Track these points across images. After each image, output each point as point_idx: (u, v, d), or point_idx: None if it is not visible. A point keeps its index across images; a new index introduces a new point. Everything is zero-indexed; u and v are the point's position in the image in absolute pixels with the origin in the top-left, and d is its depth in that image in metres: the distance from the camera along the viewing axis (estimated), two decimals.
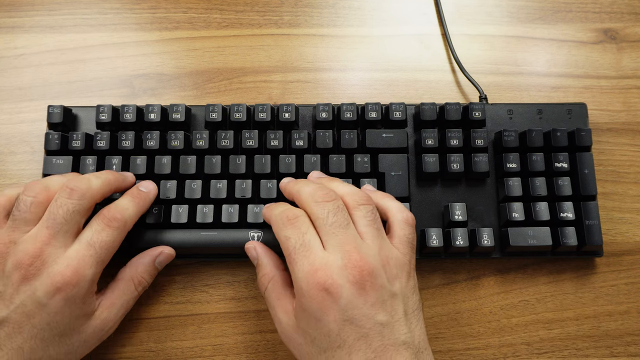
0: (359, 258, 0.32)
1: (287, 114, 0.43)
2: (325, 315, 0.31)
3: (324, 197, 0.34)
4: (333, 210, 0.33)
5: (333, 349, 0.31)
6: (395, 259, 0.34)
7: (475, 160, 0.43)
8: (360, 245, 0.33)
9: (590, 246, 0.42)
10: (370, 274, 0.32)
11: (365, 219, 0.34)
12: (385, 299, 0.32)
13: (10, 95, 0.48)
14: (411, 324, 0.33)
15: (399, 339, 0.31)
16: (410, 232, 0.36)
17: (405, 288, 0.33)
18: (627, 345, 0.43)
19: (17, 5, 0.51)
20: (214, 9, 0.51)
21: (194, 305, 0.43)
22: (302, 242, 0.33)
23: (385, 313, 0.32)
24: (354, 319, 0.31)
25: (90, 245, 0.34)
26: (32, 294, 0.33)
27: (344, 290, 0.31)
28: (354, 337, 0.31)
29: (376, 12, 0.52)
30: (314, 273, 0.32)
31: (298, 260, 0.33)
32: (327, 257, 0.32)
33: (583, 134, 0.43)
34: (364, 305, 0.31)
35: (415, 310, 0.34)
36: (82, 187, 0.35)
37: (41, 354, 0.33)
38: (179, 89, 0.49)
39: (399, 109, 0.44)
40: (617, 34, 0.51)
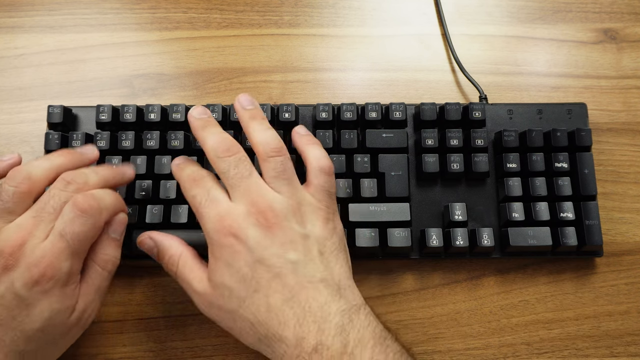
0: (264, 204, 0.33)
1: (287, 114, 0.43)
2: (236, 259, 0.32)
3: (225, 152, 0.34)
4: (234, 163, 0.34)
5: (250, 295, 0.31)
6: (308, 205, 0.34)
7: (475, 160, 0.43)
8: (266, 192, 0.33)
9: (590, 246, 0.42)
10: (276, 216, 0.32)
11: (274, 170, 0.34)
12: (295, 239, 0.32)
13: (10, 95, 0.48)
14: (329, 262, 0.33)
15: (315, 276, 0.32)
16: (326, 180, 0.35)
17: (320, 230, 0.34)
18: (627, 345, 0.43)
19: (17, 5, 0.51)
20: (214, 9, 0.51)
21: (194, 305, 0.43)
22: (208, 196, 0.34)
23: (296, 252, 0.32)
24: (264, 258, 0.31)
25: (62, 236, 0.33)
26: (10, 285, 0.32)
27: (250, 232, 0.32)
28: (268, 277, 0.31)
29: (376, 12, 0.52)
30: (221, 221, 0.33)
31: (205, 213, 0.33)
32: (232, 206, 0.33)
33: (583, 134, 0.43)
34: (272, 245, 0.32)
35: (334, 250, 0.34)
36: (79, 181, 0.35)
37: (23, 347, 0.33)
38: (179, 89, 0.49)
39: (399, 109, 0.44)
40: (617, 34, 0.51)
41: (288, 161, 0.35)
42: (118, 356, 0.42)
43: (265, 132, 0.36)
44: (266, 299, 0.31)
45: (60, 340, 0.35)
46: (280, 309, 0.31)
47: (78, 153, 0.38)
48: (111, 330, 0.42)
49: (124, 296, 0.43)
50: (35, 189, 0.34)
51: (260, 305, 0.31)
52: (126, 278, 0.43)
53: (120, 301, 0.43)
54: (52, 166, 0.35)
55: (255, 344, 0.33)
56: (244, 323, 0.32)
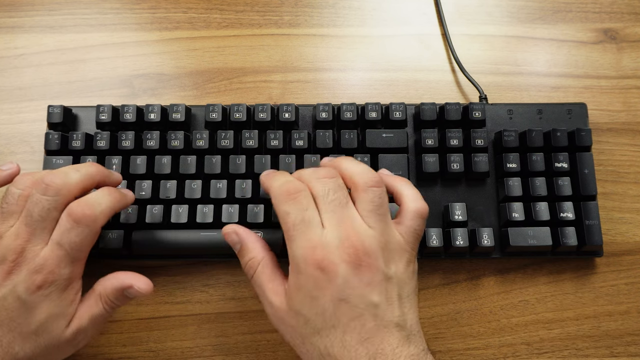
0: (356, 239, 0.32)
1: (287, 114, 0.43)
2: (321, 293, 0.31)
3: (325, 174, 0.34)
4: (334, 188, 0.33)
5: (327, 329, 0.31)
6: (395, 244, 0.33)
7: (475, 160, 0.43)
8: (359, 225, 0.32)
9: (590, 246, 0.42)
10: (366, 254, 0.32)
11: (371, 203, 0.33)
12: (380, 281, 0.32)
13: (10, 95, 0.48)
14: (404, 308, 0.33)
15: (392, 321, 0.32)
16: (420, 224, 0.35)
17: (402, 273, 0.33)
18: (627, 345, 0.43)
19: (17, 5, 0.51)
20: (214, 9, 0.51)
21: (194, 305, 0.43)
22: (302, 218, 0.32)
23: (379, 294, 0.32)
24: (349, 298, 0.31)
25: (60, 246, 0.33)
26: (13, 288, 0.33)
27: (340, 269, 0.31)
28: (349, 317, 0.31)
29: (376, 12, 0.52)
30: (312, 251, 0.31)
31: (296, 237, 0.32)
32: (325, 235, 0.32)
33: (583, 134, 0.43)
34: (359, 285, 0.31)
35: (411, 294, 0.33)
36: (58, 182, 0.33)
37: (18, 349, 0.33)
38: (179, 89, 0.49)
39: (399, 109, 0.44)
40: (617, 34, 0.51)
41: (385, 195, 0.34)
42: (118, 356, 0.42)
43: (360, 164, 0.35)
44: (342, 335, 0.31)
45: (53, 352, 0.35)
46: (354, 347, 0.31)
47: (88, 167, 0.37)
48: (111, 330, 0.42)
49: None
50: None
51: (335, 340, 0.31)
52: None
53: None
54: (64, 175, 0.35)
55: None
56: (314, 350, 0.32)
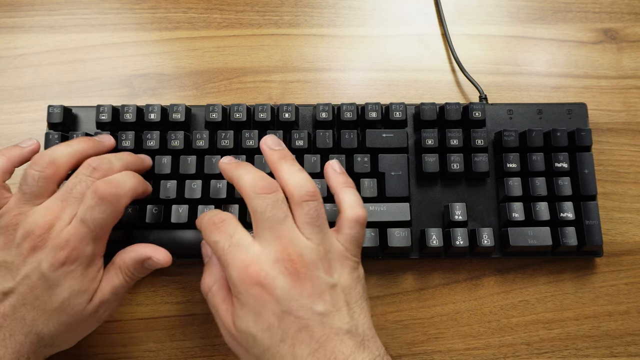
0: (293, 251, 0.32)
1: (287, 114, 0.43)
2: (263, 309, 0.31)
3: (264, 189, 0.33)
4: (271, 204, 0.33)
5: (276, 344, 0.31)
6: (336, 252, 0.34)
7: (475, 160, 0.43)
8: (296, 238, 0.32)
9: (590, 246, 0.42)
10: (305, 265, 0.32)
11: (307, 216, 0.33)
12: (323, 290, 0.32)
13: (10, 95, 0.48)
14: (354, 313, 0.33)
15: (341, 328, 0.31)
16: (358, 231, 0.35)
17: (346, 279, 0.33)
18: (627, 345, 0.43)
19: (17, 5, 0.51)
20: (214, 9, 0.51)
21: (194, 305, 0.43)
22: (231, 242, 0.33)
23: (323, 303, 0.31)
24: (292, 309, 0.31)
25: (84, 222, 0.33)
26: (37, 265, 0.33)
27: (278, 282, 0.31)
28: (295, 329, 0.31)
29: (376, 12, 0.52)
30: (247, 269, 0.32)
31: (229, 260, 0.32)
32: (259, 251, 0.32)
33: (583, 134, 0.43)
34: (300, 296, 0.31)
35: (359, 300, 0.33)
36: (105, 167, 0.36)
37: (42, 327, 0.33)
38: (179, 89, 0.49)
39: (399, 109, 0.44)
40: (617, 34, 0.51)
41: (321, 206, 0.34)
42: (118, 356, 0.42)
43: (298, 173, 0.35)
44: (292, 349, 0.31)
45: (76, 328, 0.35)
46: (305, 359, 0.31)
47: (97, 140, 0.39)
48: (111, 330, 0.42)
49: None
50: (59, 173, 0.36)
51: (286, 355, 0.31)
52: None
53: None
54: (75, 151, 0.37)
55: None
56: None
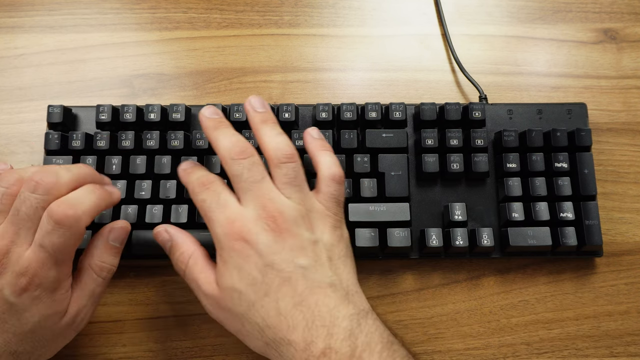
0: (274, 209, 0.33)
1: (287, 114, 0.43)
2: (246, 262, 0.32)
3: (239, 154, 0.34)
4: (248, 166, 0.34)
5: (260, 299, 0.31)
6: (316, 212, 0.34)
7: (475, 160, 0.43)
8: (276, 197, 0.33)
9: (590, 246, 0.42)
10: (286, 221, 0.32)
11: (285, 176, 0.34)
12: (305, 245, 0.32)
13: (10, 95, 0.48)
14: (337, 268, 0.33)
15: (324, 281, 0.32)
16: (336, 188, 0.35)
17: (328, 236, 0.34)
18: (627, 345, 0.43)
19: (17, 5, 0.51)
20: (214, 9, 0.51)
21: (194, 305, 0.43)
22: (217, 200, 0.34)
23: (306, 257, 0.32)
24: (274, 263, 0.32)
25: (43, 247, 0.32)
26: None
27: (260, 237, 0.32)
28: (278, 282, 0.31)
29: (376, 12, 0.52)
30: (231, 224, 0.33)
31: (214, 217, 0.33)
32: (242, 210, 0.33)
33: (583, 134, 0.43)
34: (282, 250, 0.32)
35: (342, 257, 0.34)
36: (48, 180, 0.32)
37: (16, 347, 0.33)
38: (179, 89, 0.49)
39: (399, 109, 0.44)
40: (617, 34, 0.51)
41: (299, 167, 0.35)
42: (118, 356, 0.42)
43: (277, 137, 0.35)
44: (276, 303, 0.31)
45: (53, 342, 0.35)
46: (289, 313, 0.31)
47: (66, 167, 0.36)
48: (111, 330, 0.42)
49: (124, 296, 0.43)
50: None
51: (270, 309, 0.31)
52: (126, 278, 0.43)
53: (120, 301, 0.43)
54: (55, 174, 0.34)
55: (263, 348, 0.33)
56: (252, 327, 0.32)
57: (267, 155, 0.35)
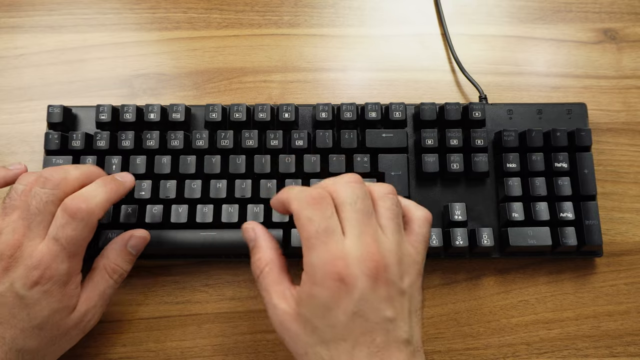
0: (377, 251, 0.31)
1: (287, 114, 0.43)
2: (336, 305, 0.30)
3: (354, 180, 0.33)
4: (362, 196, 0.32)
5: (336, 341, 0.31)
6: (409, 257, 0.33)
7: (475, 160, 0.43)
8: (380, 238, 0.32)
9: (590, 246, 0.42)
10: (385, 269, 0.31)
11: (389, 211, 0.33)
12: (394, 296, 0.31)
13: (10, 95, 0.48)
14: (412, 323, 0.32)
15: (401, 337, 0.31)
16: (428, 231, 0.35)
17: (413, 287, 0.33)
18: (627, 345, 0.43)
19: (17, 5, 0.51)
20: (214, 9, 0.51)
21: (194, 305, 0.43)
22: (326, 227, 0.31)
23: (393, 309, 0.31)
24: (364, 312, 0.31)
25: (57, 240, 0.33)
26: (10, 285, 0.33)
27: (358, 282, 0.30)
28: (361, 331, 0.31)
29: (376, 12, 0.52)
30: (332, 262, 0.31)
31: (317, 245, 0.31)
32: (346, 246, 0.31)
33: (583, 134, 0.43)
34: (375, 300, 0.31)
35: (418, 310, 0.33)
36: (57, 177, 0.34)
37: (22, 344, 0.33)
38: (179, 89, 0.49)
39: (398, 109, 0.44)
40: (617, 34, 0.51)
41: (400, 206, 0.34)
42: (117, 356, 0.42)
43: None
44: (352, 349, 0.30)
45: (59, 341, 0.35)
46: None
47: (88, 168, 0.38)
48: (111, 330, 0.42)
49: (124, 296, 0.43)
50: None
51: (343, 353, 0.30)
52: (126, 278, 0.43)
53: (120, 301, 0.43)
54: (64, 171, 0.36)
55: None
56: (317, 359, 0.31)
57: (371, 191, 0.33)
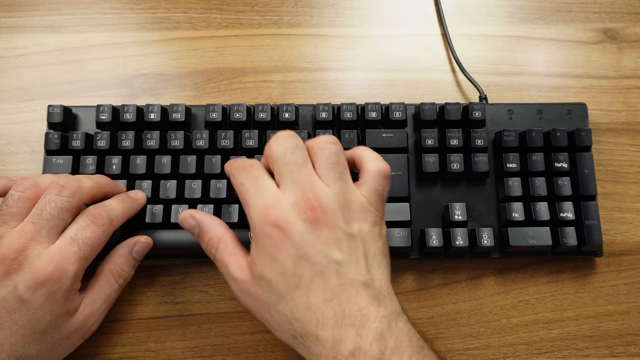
0: (313, 197, 0.31)
1: (287, 114, 0.43)
2: (279, 252, 0.31)
3: (285, 136, 0.33)
4: (291, 148, 0.33)
5: (291, 291, 0.31)
6: (357, 204, 0.33)
7: (475, 160, 0.43)
8: (316, 184, 0.32)
9: (590, 246, 0.42)
10: (324, 212, 0.31)
11: (327, 160, 0.33)
12: (341, 238, 0.31)
13: (10, 95, 0.48)
14: (371, 267, 0.32)
15: (357, 280, 0.31)
16: (382, 183, 0.34)
17: (367, 233, 0.32)
18: (627, 345, 0.43)
19: (17, 5, 0.51)
20: (214, 9, 0.51)
21: (194, 305, 0.43)
22: (256, 184, 0.33)
23: (340, 251, 0.31)
24: (308, 255, 0.30)
25: (74, 241, 0.34)
26: (13, 289, 0.33)
27: (295, 226, 0.31)
28: (310, 275, 0.30)
29: (376, 12, 0.52)
30: (267, 211, 0.31)
31: (251, 201, 0.32)
32: (279, 195, 0.32)
33: (583, 134, 0.43)
34: (317, 241, 0.31)
35: (378, 255, 0.33)
36: (73, 185, 0.35)
37: (22, 351, 0.33)
38: (179, 89, 0.49)
39: (399, 109, 0.44)
40: (617, 34, 0.51)
41: (342, 154, 0.34)
42: (118, 356, 0.42)
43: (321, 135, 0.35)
44: (306, 296, 0.30)
45: (59, 346, 0.35)
46: (320, 308, 0.30)
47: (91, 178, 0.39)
48: (111, 330, 0.42)
49: (124, 296, 0.43)
50: (40, 196, 0.35)
51: (300, 303, 0.30)
52: None
53: (120, 301, 0.43)
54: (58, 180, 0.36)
55: (290, 340, 0.32)
56: (281, 318, 0.31)
57: (310, 144, 0.34)
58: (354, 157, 0.35)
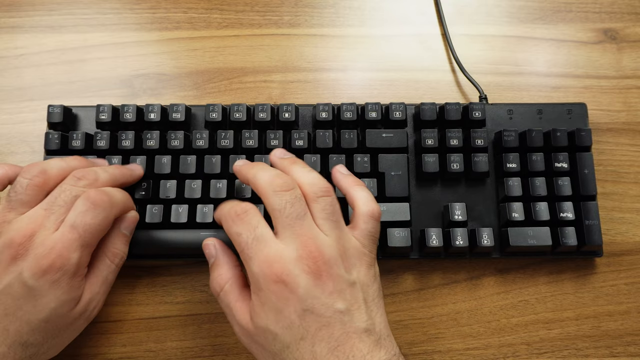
0: (315, 249, 0.32)
1: (287, 114, 0.43)
2: (285, 306, 0.31)
3: (282, 187, 0.33)
4: (291, 201, 0.33)
5: (296, 342, 0.31)
6: (354, 249, 0.34)
7: (475, 160, 0.43)
8: (317, 235, 0.33)
9: (590, 246, 0.42)
10: (326, 263, 0.32)
11: (323, 212, 0.34)
12: (344, 288, 0.32)
13: (10, 95, 0.48)
14: (371, 312, 0.33)
15: (360, 327, 0.32)
16: (374, 225, 0.35)
17: (364, 277, 0.33)
18: (627, 345, 0.43)
19: (17, 5, 0.51)
20: (214, 9, 0.51)
21: (194, 305, 0.43)
22: (255, 236, 0.33)
23: (344, 301, 0.32)
24: (314, 308, 0.31)
25: (74, 228, 0.34)
26: (18, 275, 0.33)
27: (300, 280, 0.31)
28: (316, 327, 0.31)
29: (376, 12, 0.52)
30: (270, 266, 0.31)
31: (252, 255, 0.32)
32: (282, 249, 0.32)
33: (583, 134, 0.43)
34: (322, 294, 0.31)
35: (376, 298, 0.34)
36: (90, 176, 0.36)
37: (26, 337, 0.33)
38: (179, 89, 0.49)
39: (399, 109, 0.44)
40: (617, 34, 0.51)
41: (336, 202, 0.34)
42: (117, 356, 0.42)
43: (310, 173, 0.35)
44: (312, 347, 0.31)
45: (64, 332, 0.36)
46: (325, 357, 0.31)
47: (91, 161, 0.40)
48: (111, 330, 0.42)
49: (124, 296, 0.43)
50: (49, 184, 0.36)
51: (305, 353, 0.31)
52: (126, 278, 0.43)
53: (120, 301, 0.43)
54: (68, 166, 0.37)
55: None
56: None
57: (304, 191, 0.34)
58: (346, 194, 0.37)
